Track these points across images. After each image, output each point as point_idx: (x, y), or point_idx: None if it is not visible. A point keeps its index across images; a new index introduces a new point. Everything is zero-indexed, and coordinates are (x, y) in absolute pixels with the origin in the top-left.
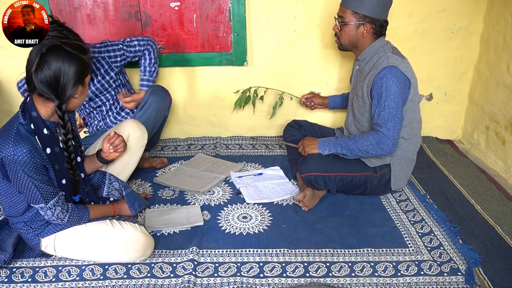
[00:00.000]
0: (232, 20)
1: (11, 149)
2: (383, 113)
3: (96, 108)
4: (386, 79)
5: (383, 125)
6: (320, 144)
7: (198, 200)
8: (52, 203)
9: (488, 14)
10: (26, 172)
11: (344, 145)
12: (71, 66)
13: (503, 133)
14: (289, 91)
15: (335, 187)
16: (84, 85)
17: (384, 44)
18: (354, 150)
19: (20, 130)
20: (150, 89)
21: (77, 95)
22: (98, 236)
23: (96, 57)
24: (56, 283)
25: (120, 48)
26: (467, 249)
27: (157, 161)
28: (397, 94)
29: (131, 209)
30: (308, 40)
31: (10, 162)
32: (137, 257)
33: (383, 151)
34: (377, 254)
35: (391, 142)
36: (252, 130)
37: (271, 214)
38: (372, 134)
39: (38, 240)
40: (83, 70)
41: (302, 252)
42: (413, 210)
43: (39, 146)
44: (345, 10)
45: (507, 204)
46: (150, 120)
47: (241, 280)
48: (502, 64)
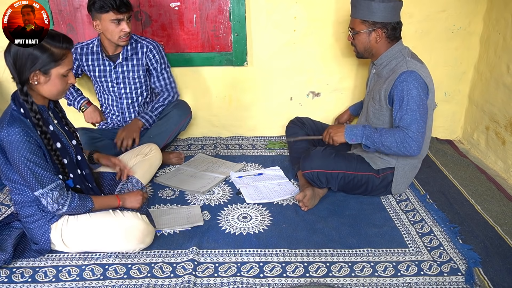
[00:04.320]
0: (232, 20)
1: (5, 131)
2: (406, 116)
3: (117, 97)
4: (406, 83)
5: (407, 128)
6: (347, 133)
7: (198, 200)
8: (49, 187)
9: (488, 14)
10: (22, 153)
11: (370, 136)
12: (26, 52)
13: (503, 133)
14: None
15: (336, 185)
16: (47, 74)
17: (402, 49)
18: (378, 144)
19: (13, 114)
20: (176, 102)
21: (38, 83)
22: (100, 224)
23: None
24: (56, 283)
25: (162, 67)
26: (467, 249)
27: (173, 156)
28: (419, 97)
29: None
30: (308, 40)
31: (7, 143)
32: (137, 244)
33: (406, 151)
34: (377, 254)
35: (416, 145)
36: (252, 130)
37: (271, 214)
38: (398, 131)
39: (48, 227)
40: (43, 58)
41: (302, 252)
42: (413, 210)
43: (31, 126)
44: (354, 20)
45: (507, 204)
46: (168, 131)
47: (241, 280)
48: (502, 64)
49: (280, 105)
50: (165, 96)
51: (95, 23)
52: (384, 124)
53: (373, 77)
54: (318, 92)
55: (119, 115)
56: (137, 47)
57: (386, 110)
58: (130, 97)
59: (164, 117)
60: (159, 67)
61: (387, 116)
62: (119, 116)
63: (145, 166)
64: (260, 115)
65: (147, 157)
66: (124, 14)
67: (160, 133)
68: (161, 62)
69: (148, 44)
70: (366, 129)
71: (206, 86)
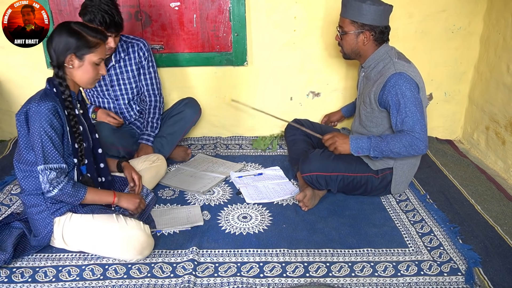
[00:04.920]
0: (232, 20)
1: (36, 103)
2: (407, 119)
3: (113, 99)
4: (398, 86)
5: (412, 131)
6: (353, 145)
7: (198, 200)
8: (50, 166)
9: (488, 14)
10: (42, 124)
11: (377, 148)
12: (64, 36)
13: (503, 133)
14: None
15: (336, 187)
16: (81, 59)
17: (388, 50)
18: (386, 152)
19: (47, 92)
20: (187, 101)
21: (73, 66)
22: (101, 227)
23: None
24: (56, 283)
25: (150, 65)
26: (467, 249)
27: (180, 150)
28: (414, 97)
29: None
30: (308, 40)
31: (33, 113)
32: (134, 255)
33: (415, 152)
34: (377, 254)
35: (424, 144)
36: (252, 130)
37: (271, 214)
38: (404, 136)
39: (51, 220)
40: (79, 44)
41: (302, 252)
42: (413, 210)
43: (61, 106)
44: (344, 20)
45: (507, 204)
46: (180, 131)
47: (241, 280)
48: (502, 64)
49: (280, 105)
50: (152, 105)
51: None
52: (378, 126)
53: (363, 80)
54: (318, 92)
55: (118, 115)
56: (128, 47)
57: (378, 112)
58: (127, 97)
59: (176, 116)
60: (146, 65)
61: (380, 118)
62: (118, 115)
63: (152, 173)
64: (260, 115)
65: (154, 164)
66: (112, 33)
67: (174, 132)
68: (149, 60)
69: (138, 42)
70: (371, 141)
71: (206, 86)
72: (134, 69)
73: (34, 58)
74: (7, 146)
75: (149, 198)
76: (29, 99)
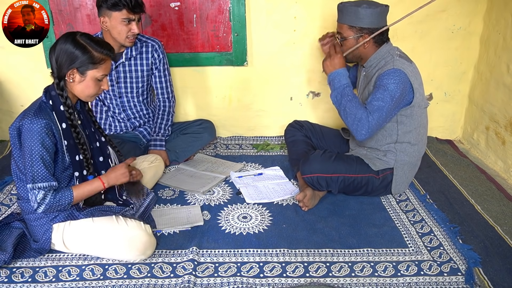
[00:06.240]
0: (232, 20)
1: (29, 119)
2: (375, 102)
3: (117, 96)
4: (388, 77)
5: (370, 113)
6: (337, 74)
7: (198, 200)
8: (38, 185)
9: (488, 14)
10: (34, 143)
11: (344, 94)
12: (68, 49)
13: (503, 133)
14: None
15: (337, 188)
16: (83, 74)
17: (390, 49)
18: (342, 104)
19: (42, 106)
20: (207, 125)
21: (73, 81)
22: (102, 230)
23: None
24: (56, 283)
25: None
26: (467, 249)
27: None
28: (395, 92)
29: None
30: (308, 40)
31: (25, 130)
32: (137, 255)
33: (355, 129)
34: (377, 254)
35: (366, 130)
36: (252, 130)
37: (271, 214)
38: (363, 110)
39: (50, 226)
40: (83, 59)
41: (302, 252)
42: (413, 210)
43: (56, 120)
44: (341, 26)
45: (507, 204)
46: (192, 151)
47: (241, 280)
48: (502, 64)
49: (280, 105)
50: (166, 111)
51: (103, 19)
52: None
53: (363, 80)
54: (318, 92)
55: (121, 113)
56: (141, 46)
57: None
58: (131, 95)
59: (193, 135)
60: (161, 67)
61: None
62: (122, 113)
63: (151, 172)
64: (260, 115)
65: (152, 164)
66: (136, 14)
67: (187, 150)
68: (164, 63)
69: (154, 43)
70: (346, 89)
71: (206, 86)
72: (144, 70)
73: (34, 58)
74: (7, 146)
75: (149, 198)
76: (24, 112)
